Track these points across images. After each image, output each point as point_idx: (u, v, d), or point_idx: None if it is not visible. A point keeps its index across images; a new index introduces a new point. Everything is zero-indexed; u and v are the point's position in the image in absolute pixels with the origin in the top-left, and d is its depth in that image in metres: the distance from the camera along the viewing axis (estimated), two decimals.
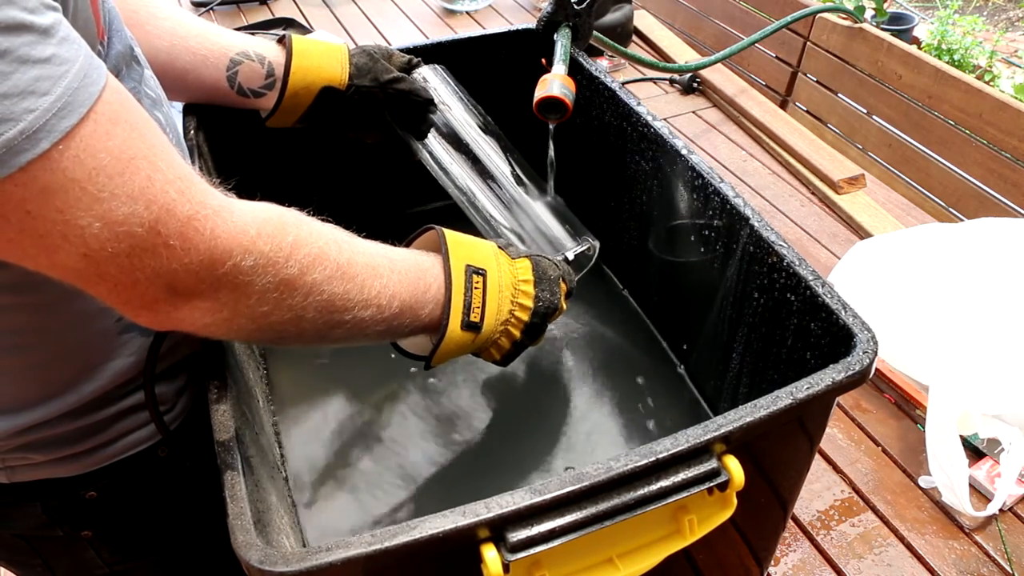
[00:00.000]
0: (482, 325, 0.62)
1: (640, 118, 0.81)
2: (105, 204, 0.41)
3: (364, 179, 0.97)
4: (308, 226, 0.52)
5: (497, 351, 0.65)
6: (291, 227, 0.50)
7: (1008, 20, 3.89)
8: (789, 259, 0.63)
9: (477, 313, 0.61)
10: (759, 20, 1.87)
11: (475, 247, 0.64)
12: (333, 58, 0.76)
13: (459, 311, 0.60)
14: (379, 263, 0.56)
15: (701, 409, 0.82)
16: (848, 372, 0.53)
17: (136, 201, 0.42)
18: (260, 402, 0.76)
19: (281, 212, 0.51)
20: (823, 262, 1.24)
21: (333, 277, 0.52)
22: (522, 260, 0.66)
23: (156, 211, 0.43)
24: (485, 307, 0.62)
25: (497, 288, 0.63)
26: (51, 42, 0.38)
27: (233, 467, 0.50)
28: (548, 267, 0.67)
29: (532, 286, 0.65)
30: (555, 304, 0.66)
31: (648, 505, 0.48)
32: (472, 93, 0.87)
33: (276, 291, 0.49)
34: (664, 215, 0.83)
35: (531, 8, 2.01)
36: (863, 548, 0.84)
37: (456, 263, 0.61)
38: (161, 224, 0.43)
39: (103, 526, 0.66)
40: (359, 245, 0.56)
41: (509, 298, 0.64)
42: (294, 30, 1.82)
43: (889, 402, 1.00)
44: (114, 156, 0.41)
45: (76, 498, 0.62)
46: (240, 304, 0.48)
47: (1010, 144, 1.36)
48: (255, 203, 0.50)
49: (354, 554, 0.43)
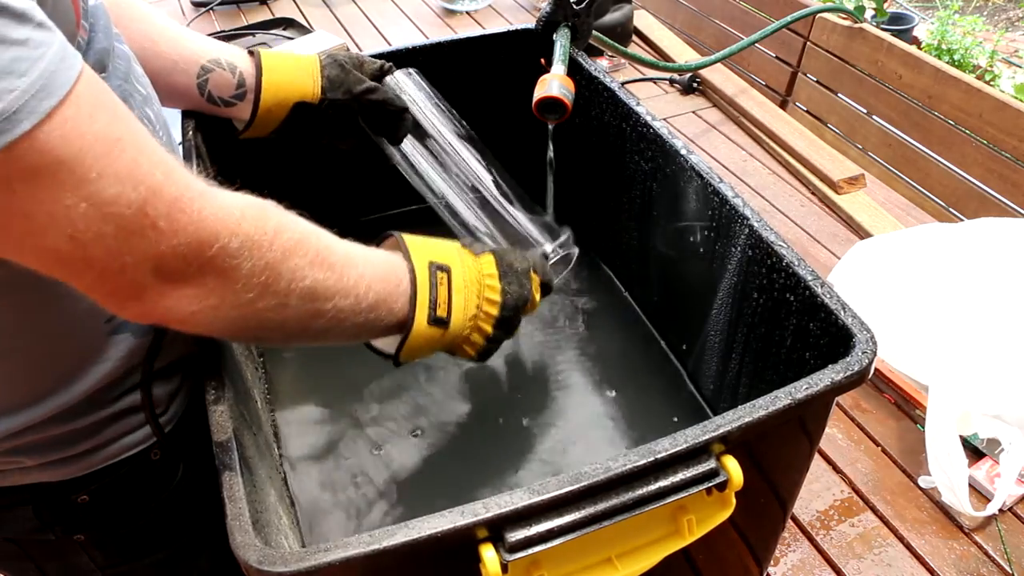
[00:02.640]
0: (450, 321, 0.62)
1: (640, 118, 0.81)
2: (93, 185, 0.41)
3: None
4: (287, 214, 0.52)
5: (471, 347, 0.65)
6: (272, 213, 0.51)
7: (1008, 20, 3.89)
8: (788, 259, 0.63)
9: (443, 308, 0.61)
10: (759, 20, 1.87)
11: (437, 246, 0.64)
12: (304, 72, 0.76)
13: (425, 306, 0.60)
14: (354, 253, 0.57)
15: (700, 409, 0.82)
16: (847, 372, 0.53)
17: (124, 182, 0.42)
18: (259, 402, 0.77)
19: (261, 200, 0.51)
20: (823, 262, 1.24)
21: (315, 263, 0.52)
22: (486, 256, 0.66)
23: (144, 192, 0.43)
24: (452, 303, 0.62)
25: (463, 284, 0.63)
26: (27, 26, 0.38)
27: (231, 468, 0.50)
28: (514, 260, 0.67)
29: (498, 280, 0.65)
30: (525, 296, 0.66)
31: (647, 505, 0.48)
32: (471, 93, 0.87)
33: (262, 275, 0.49)
34: (663, 215, 0.83)
35: (531, 8, 2.01)
36: (863, 548, 0.84)
37: (419, 260, 0.61)
38: (149, 205, 0.43)
39: (96, 530, 0.65)
40: (333, 237, 0.56)
41: (476, 293, 0.64)
42: (294, 30, 1.82)
43: (889, 402, 1.00)
44: (99, 138, 0.41)
45: (68, 502, 0.62)
46: (227, 290, 0.48)
47: (1010, 144, 1.36)
48: (235, 191, 0.50)
49: (353, 554, 0.43)
